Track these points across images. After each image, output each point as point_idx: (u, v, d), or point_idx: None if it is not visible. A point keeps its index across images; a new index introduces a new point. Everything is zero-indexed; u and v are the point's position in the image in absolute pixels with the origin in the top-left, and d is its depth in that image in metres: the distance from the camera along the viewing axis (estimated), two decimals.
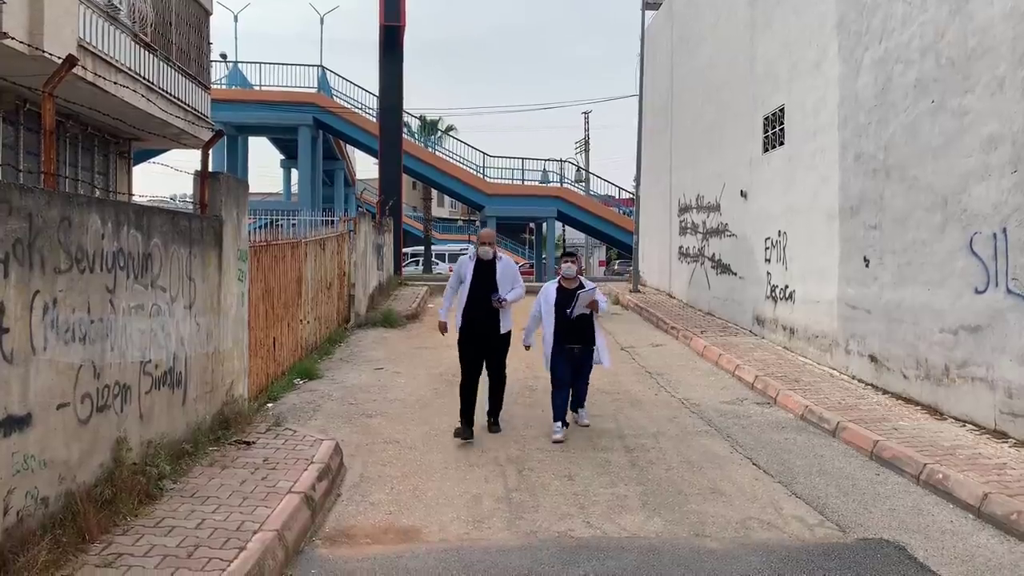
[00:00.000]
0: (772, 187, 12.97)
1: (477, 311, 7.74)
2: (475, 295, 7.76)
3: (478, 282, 7.79)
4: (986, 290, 7.45)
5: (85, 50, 10.65)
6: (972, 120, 7.62)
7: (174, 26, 15.10)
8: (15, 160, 11.49)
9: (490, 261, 7.86)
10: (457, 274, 8.03)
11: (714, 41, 16.36)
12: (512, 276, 7.91)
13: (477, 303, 7.74)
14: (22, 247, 4.07)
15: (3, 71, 9.01)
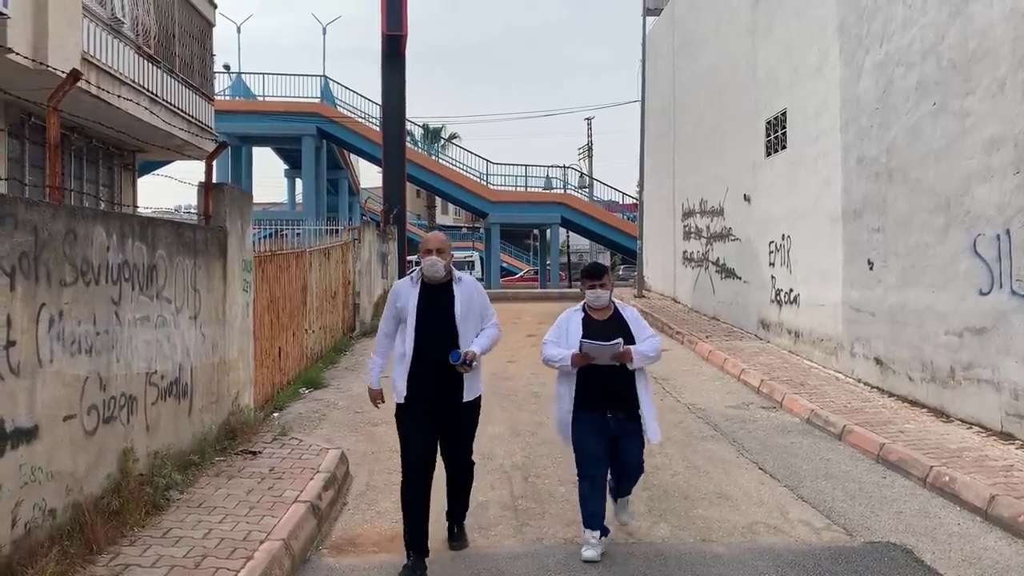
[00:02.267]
0: (775, 191, 12.97)
1: (427, 369, 4.75)
2: (424, 343, 4.76)
3: (427, 321, 4.79)
4: (990, 292, 7.45)
5: (89, 63, 10.70)
6: (974, 122, 7.62)
7: (177, 38, 15.17)
8: (20, 173, 11.56)
9: (443, 284, 4.87)
10: (392, 308, 4.95)
11: (715, 45, 16.39)
12: (480, 307, 4.97)
13: (426, 356, 4.76)
14: (28, 260, 4.10)
15: (7, 85, 9.07)
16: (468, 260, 46.87)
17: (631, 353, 4.93)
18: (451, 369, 4.69)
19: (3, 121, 10.77)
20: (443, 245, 4.86)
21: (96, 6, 11.32)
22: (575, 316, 5.14)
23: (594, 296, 5.08)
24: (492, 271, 34.88)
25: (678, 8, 19.75)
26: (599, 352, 4.87)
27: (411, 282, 4.92)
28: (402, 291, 4.91)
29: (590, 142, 52.26)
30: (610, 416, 4.96)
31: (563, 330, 5.11)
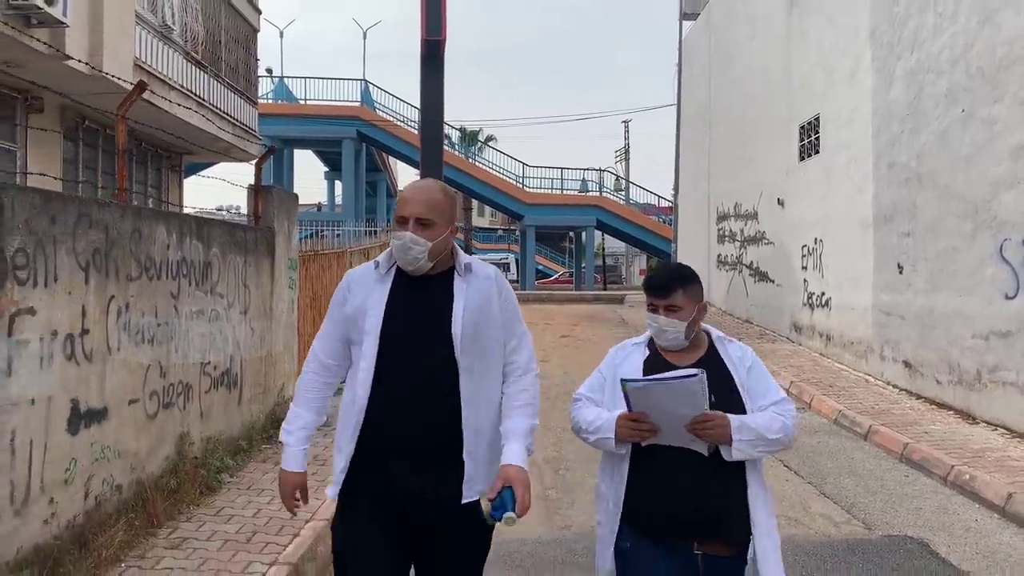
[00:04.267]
0: (808, 195, 13.10)
1: (396, 437, 2.53)
2: (391, 384, 2.55)
3: (400, 343, 2.57)
4: (1016, 296, 7.57)
5: (141, 69, 11.22)
6: (1001, 129, 7.75)
7: (223, 44, 15.73)
8: (74, 174, 12.12)
9: (438, 276, 2.64)
10: (337, 314, 2.70)
11: (750, 51, 16.52)
12: (504, 321, 2.68)
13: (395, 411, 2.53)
14: (100, 256, 4.49)
15: (63, 90, 9.55)
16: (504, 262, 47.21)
17: (728, 430, 2.51)
18: (439, 441, 2.50)
19: (59, 124, 11.34)
20: (427, 208, 2.52)
21: (148, 14, 11.85)
22: (633, 354, 2.77)
23: (656, 327, 2.69)
24: (527, 273, 35.16)
25: (714, 14, 19.89)
26: (663, 398, 2.48)
27: (376, 271, 2.63)
28: (358, 285, 2.63)
29: (627, 145, 52.33)
30: (699, 553, 2.58)
31: (608, 377, 2.77)
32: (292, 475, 2.71)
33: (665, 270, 2.81)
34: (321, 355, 2.70)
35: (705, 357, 2.70)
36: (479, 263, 2.68)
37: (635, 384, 2.51)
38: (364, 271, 2.69)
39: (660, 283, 2.70)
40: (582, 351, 13.61)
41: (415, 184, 2.71)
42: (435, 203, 2.55)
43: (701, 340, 2.74)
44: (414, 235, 2.49)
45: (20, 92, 10.06)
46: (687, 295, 2.66)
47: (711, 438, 2.51)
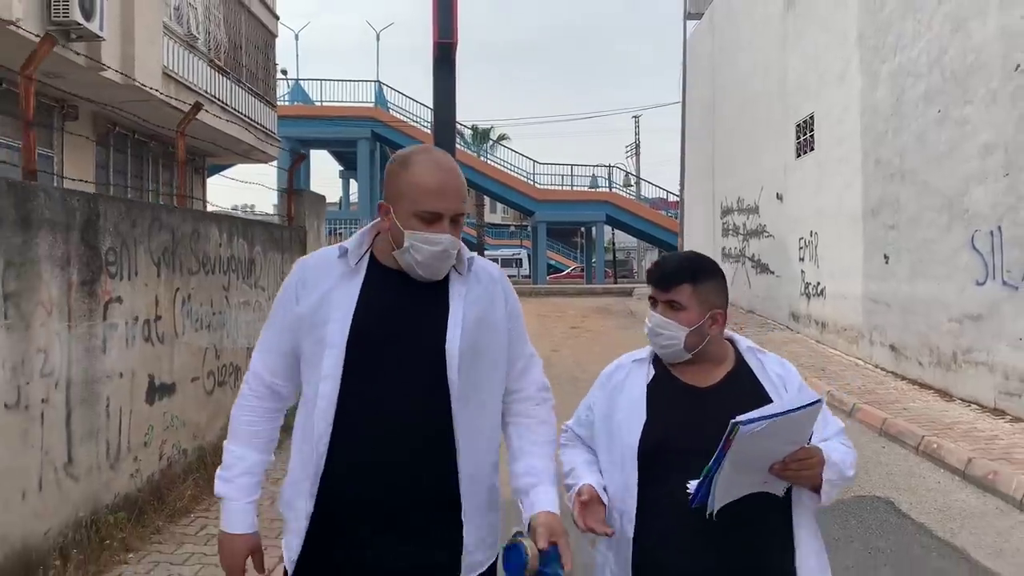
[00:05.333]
0: (804, 190, 13.77)
1: (369, 485, 1.84)
2: (364, 412, 1.85)
3: (376, 357, 1.88)
4: (985, 282, 8.23)
5: (168, 77, 12.02)
6: (971, 129, 8.41)
7: (243, 50, 16.55)
8: (105, 178, 12.92)
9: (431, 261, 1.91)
10: (285, 318, 1.98)
11: (751, 51, 17.17)
12: (509, 331, 2.04)
13: (365, 451, 1.85)
14: (168, 254, 5.25)
15: (98, 99, 10.29)
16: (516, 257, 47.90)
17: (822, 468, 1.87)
18: (427, 497, 1.89)
19: (92, 131, 12.15)
20: (464, 201, 2.01)
21: (174, 24, 12.65)
22: (634, 375, 2.10)
23: (648, 328, 2.07)
24: (539, 268, 35.89)
25: (717, 14, 20.53)
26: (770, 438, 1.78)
27: (341, 263, 1.97)
28: (315, 278, 1.97)
29: (637, 140, 52.94)
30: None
31: (596, 402, 2.16)
32: (239, 539, 1.93)
33: (674, 258, 2.13)
34: (265, 373, 1.97)
35: (732, 374, 2.03)
36: (482, 260, 2.05)
37: (752, 427, 1.69)
38: (323, 259, 1.97)
39: (664, 272, 2.04)
40: (592, 341, 14.35)
41: (445, 164, 1.93)
42: (464, 194, 1.97)
43: (725, 352, 2.07)
44: (454, 238, 1.88)
45: (57, 101, 10.86)
46: (697, 293, 1.99)
47: (804, 479, 1.85)
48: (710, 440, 1.77)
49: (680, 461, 1.87)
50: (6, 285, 3.60)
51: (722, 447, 1.71)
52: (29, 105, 3.81)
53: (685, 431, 1.92)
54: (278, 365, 1.97)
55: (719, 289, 2.06)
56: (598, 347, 13.56)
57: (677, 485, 1.85)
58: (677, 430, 1.93)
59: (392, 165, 1.94)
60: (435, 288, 1.92)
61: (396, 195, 1.89)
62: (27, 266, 3.75)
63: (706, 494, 1.77)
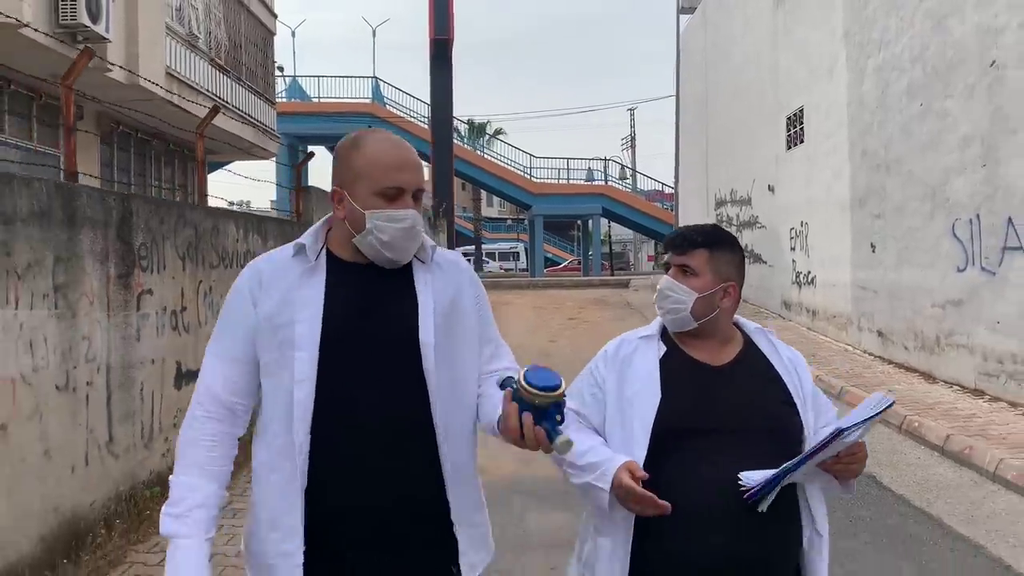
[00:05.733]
0: (795, 181, 14.13)
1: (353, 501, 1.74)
2: (339, 422, 1.74)
3: (347, 360, 1.76)
4: (965, 269, 8.61)
5: (171, 76, 12.35)
6: (951, 122, 8.77)
7: (243, 48, 16.88)
8: (110, 176, 13.24)
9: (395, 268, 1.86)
10: (245, 328, 1.79)
11: (743, 45, 17.51)
12: (479, 321, 1.97)
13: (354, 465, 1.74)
14: (192, 249, 5.60)
15: (102, 98, 10.56)
16: (513, 251, 48.23)
17: (865, 463, 1.91)
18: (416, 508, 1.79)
19: (96, 129, 12.47)
20: (422, 176, 1.89)
21: (176, 24, 12.98)
22: (642, 350, 2.03)
23: (658, 290, 2.03)
24: (536, 261, 36.25)
25: (709, 9, 20.86)
26: None
27: (298, 261, 1.83)
28: (273, 279, 1.82)
29: (632, 133, 53.26)
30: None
31: (605, 378, 2.04)
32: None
33: (695, 226, 2.10)
34: (222, 391, 1.76)
35: (744, 354, 2.01)
36: (443, 249, 1.96)
37: (854, 432, 1.71)
38: (276, 260, 1.84)
39: (682, 234, 2.03)
40: (589, 332, 14.71)
41: (398, 140, 1.86)
42: (421, 169, 1.86)
43: (733, 332, 2.04)
44: (417, 213, 1.80)
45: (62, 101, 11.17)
46: (713, 261, 1.97)
47: (850, 472, 1.88)
48: (725, 418, 1.84)
49: (693, 439, 1.84)
50: (55, 277, 3.95)
51: (814, 450, 1.69)
52: (70, 113, 4.15)
53: (701, 409, 1.88)
54: (237, 378, 1.76)
55: (735, 263, 2.03)
56: (595, 337, 13.92)
57: (690, 464, 1.82)
58: (692, 409, 1.88)
59: (342, 149, 1.84)
60: (399, 279, 1.84)
61: (351, 177, 1.78)
62: (72, 260, 4.10)
63: (769, 491, 1.72)
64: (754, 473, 1.75)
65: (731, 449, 1.81)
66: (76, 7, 9.51)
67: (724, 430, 1.82)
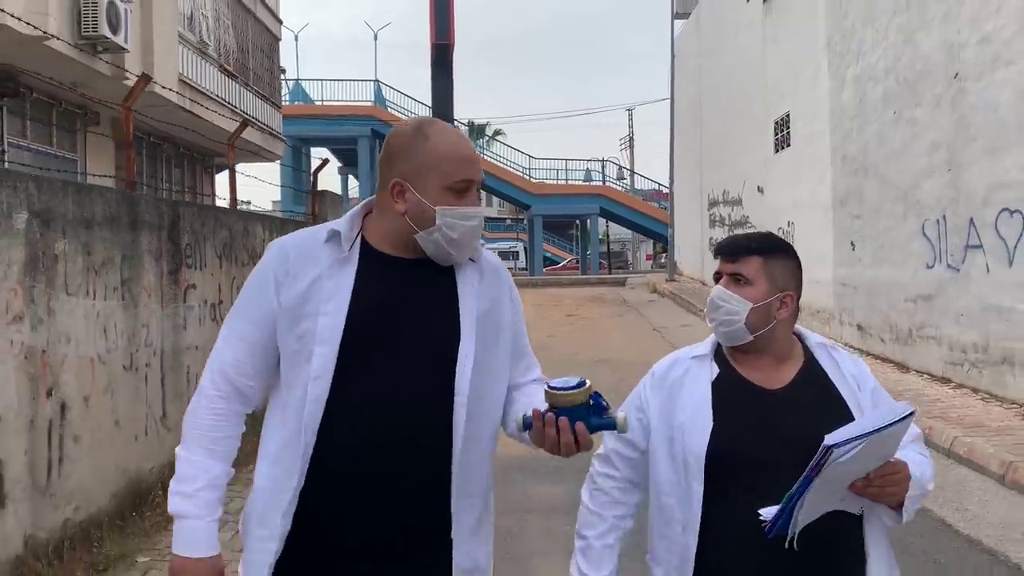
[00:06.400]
0: (782, 183, 14.80)
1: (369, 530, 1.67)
2: (362, 417, 1.65)
3: (377, 354, 1.67)
4: (934, 266, 9.27)
5: (183, 82, 12.97)
6: (921, 129, 9.43)
7: (250, 53, 17.54)
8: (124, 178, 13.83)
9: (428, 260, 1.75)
10: (265, 310, 1.72)
11: (734, 52, 18.18)
12: (515, 324, 1.88)
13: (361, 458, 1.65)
14: (227, 248, 6.25)
15: (118, 104, 11.09)
16: (513, 250, 48.83)
17: (908, 483, 1.72)
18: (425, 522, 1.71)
19: (111, 133, 13.11)
20: (482, 173, 1.83)
21: (188, 32, 13.63)
22: (694, 372, 1.91)
23: (710, 301, 1.89)
24: (536, 260, 36.92)
25: (703, 14, 21.53)
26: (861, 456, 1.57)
27: (330, 248, 1.72)
28: (301, 263, 1.71)
29: (631, 133, 53.88)
30: None
31: (650, 403, 1.94)
32: (203, 564, 1.68)
33: (748, 233, 2.08)
34: (232, 371, 1.73)
35: (803, 374, 1.87)
36: (486, 251, 1.85)
37: (846, 449, 1.52)
38: (307, 243, 1.73)
39: (734, 241, 1.92)
40: (586, 328, 15.38)
41: (459, 130, 1.82)
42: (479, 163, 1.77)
43: (792, 347, 1.91)
44: (482, 208, 1.77)
45: (80, 107, 11.79)
46: (767, 268, 1.85)
47: (887, 497, 1.70)
48: (783, 448, 1.69)
49: (750, 471, 1.72)
50: (122, 273, 4.61)
51: (810, 471, 1.53)
52: (128, 131, 4.80)
53: (757, 438, 1.74)
54: (248, 360, 1.71)
55: (792, 271, 1.90)
56: (592, 333, 14.60)
57: (746, 497, 1.69)
58: (748, 437, 1.75)
59: (404, 138, 1.70)
60: (441, 279, 1.72)
61: (418, 169, 1.66)
62: (135, 259, 4.75)
63: (787, 522, 1.60)
64: (772, 508, 1.62)
65: (789, 481, 1.57)
66: (97, 19, 10.08)
67: (782, 462, 1.65)
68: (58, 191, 4.03)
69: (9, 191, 3.62)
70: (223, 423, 1.73)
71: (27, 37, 8.46)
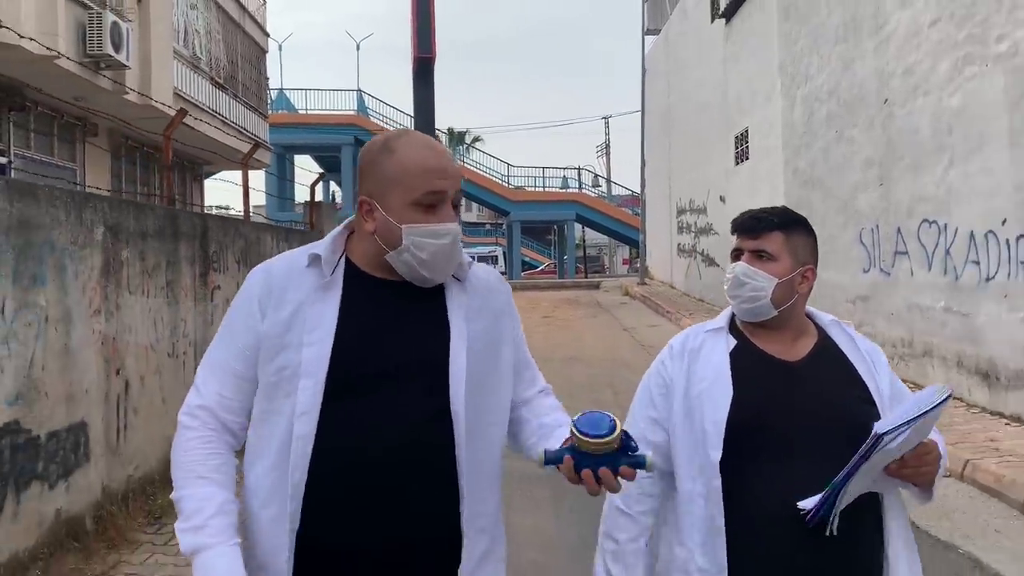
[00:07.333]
0: (742, 193, 15.90)
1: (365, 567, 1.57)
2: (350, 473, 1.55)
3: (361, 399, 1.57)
4: (869, 270, 10.36)
5: (178, 96, 13.79)
6: (857, 147, 10.53)
7: (238, 65, 18.42)
8: (119, 187, 14.64)
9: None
10: (249, 341, 1.61)
11: (699, 69, 19.29)
12: (515, 341, 1.86)
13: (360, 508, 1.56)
14: (244, 254, 7.17)
15: (116, 116, 11.76)
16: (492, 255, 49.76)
17: (937, 465, 1.74)
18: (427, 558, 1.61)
19: (108, 144, 13.92)
20: (460, 182, 1.71)
21: (182, 48, 14.48)
22: (710, 344, 1.91)
23: (731, 278, 1.92)
24: (514, 265, 37.92)
25: (671, 31, 22.66)
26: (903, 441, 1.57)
27: (312, 273, 1.64)
28: (284, 289, 1.63)
29: (607, 140, 55.03)
30: None
31: (673, 376, 1.91)
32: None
33: (766, 208, 2.00)
34: (217, 406, 1.62)
35: (820, 348, 1.87)
36: (478, 265, 1.78)
37: (896, 435, 1.53)
38: (290, 267, 1.66)
39: (754, 217, 1.94)
40: (561, 328, 16.37)
41: (432, 141, 1.69)
42: (459, 174, 1.69)
43: (806, 325, 1.93)
44: (458, 226, 1.66)
45: (79, 119, 12.58)
46: (790, 243, 1.88)
47: (922, 477, 1.70)
48: (801, 420, 1.69)
49: (770, 442, 1.70)
50: (167, 276, 5.53)
51: (858, 459, 1.53)
52: (168, 156, 5.71)
53: (777, 409, 1.73)
54: (232, 395, 1.61)
55: (811, 245, 1.94)
56: (567, 332, 15.60)
57: (768, 468, 1.68)
58: (769, 408, 1.73)
59: (369, 154, 1.66)
60: (430, 300, 1.65)
61: (383, 186, 1.60)
62: (176, 264, 5.68)
63: (829, 510, 1.59)
64: (812, 499, 1.61)
65: (808, 452, 1.64)
66: (102, 38, 10.90)
67: (801, 430, 1.69)
68: (123, 209, 4.95)
69: (91, 210, 4.54)
70: (218, 452, 1.59)
71: (38, 56, 9.25)
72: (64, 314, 4.25)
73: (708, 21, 18.11)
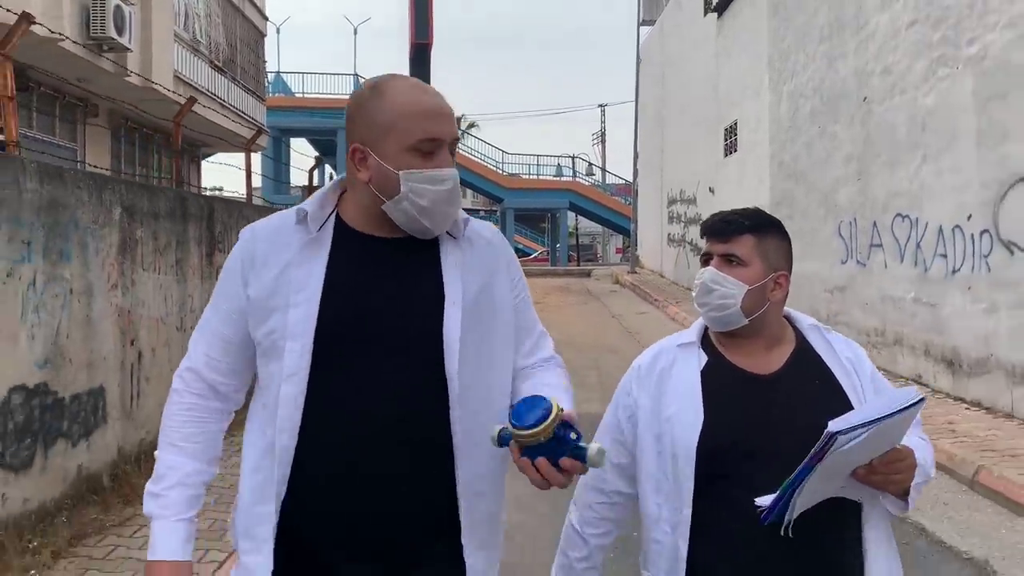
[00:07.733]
0: (730, 185, 16.29)
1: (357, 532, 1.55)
2: (336, 422, 1.53)
3: (351, 361, 1.54)
4: (847, 261, 10.77)
5: (178, 79, 14.07)
6: (838, 143, 10.91)
7: (237, 49, 18.67)
8: (118, 167, 14.93)
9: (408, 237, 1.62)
10: (236, 305, 1.61)
11: (692, 62, 19.62)
12: (517, 302, 1.74)
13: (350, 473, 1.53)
14: None
15: (116, 97, 12.05)
16: None
17: (911, 474, 1.61)
18: (422, 523, 1.59)
19: (108, 124, 14.19)
20: (456, 125, 1.65)
21: (182, 31, 14.74)
22: (682, 361, 1.80)
23: (699, 283, 1.83)
24: None
25: (666, 23, 22.96)
26: (866, 443, 1.48)
27: (300, 230, 1.60)
28: (268, 250, 1.61)
29: (603, 129, 55.30)
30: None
31: (638, 401, 1.82)
32: (162, 568, 1.54)
33: (736, 210, 1.87)
34: (204, 368, 1.63)
35: (796, 358, 1.78)
36: (477, 221, 1.71)
37: (851, 436, 1.43)
38: (277, 227, 1.62)
39: (723, 219, 1.84)
40: (552, 314, 16.74)
41: (421, 83, 1.62)
42: (454, 120, 1.63)
43: (784, 330, 1.84)
44: (456, 172, 1.58)
45: (80, 100, 12.86)
46: (761, 247, 1.78)
47: (892, 484, 1.60)
48: (777, 437, 1.61)
49: (742, 463, 1.62)
50: (176, 254, 5.89)
51: (811, 459, 1.46)
52: (177, 142, 6.06)
53: (750, 429, 1.64)
54: (221, 358, 1.61)
55: (784, 250, 1.84)
56: (557, 317, 15.98)
57: (738, 491, 1.59)
58: (741, 428, 1.65)
59: (359, 99, 1.60)
60: (423, 257, 1.59)
61: (376, 131, 1.54)
62: (185, 244, 6.03)
63: (784, 509, 1.53)
64: (767, 497, 1.54)
65: (785, 471, 1.50)
66: (105, 21, 11.16)
67: (776, 451, 1.58)
68: (138, 191, 5.30)
69: (110, 192, 4.89)
70: (198, 419, 1.60)
71: (43, 39, 9.51)
72: (86, 287, 4.61)
73: (701, 14, 18.45)
